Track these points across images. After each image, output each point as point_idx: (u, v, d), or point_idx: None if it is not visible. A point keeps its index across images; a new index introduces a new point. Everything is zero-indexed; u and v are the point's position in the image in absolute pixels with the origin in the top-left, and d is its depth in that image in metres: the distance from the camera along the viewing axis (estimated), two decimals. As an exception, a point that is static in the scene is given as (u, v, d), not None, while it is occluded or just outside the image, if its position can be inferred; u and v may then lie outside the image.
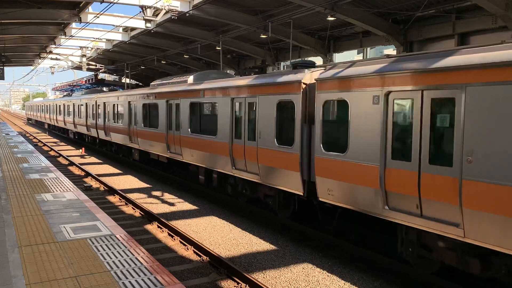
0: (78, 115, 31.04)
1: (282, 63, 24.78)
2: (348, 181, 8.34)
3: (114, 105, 22.79)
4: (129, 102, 20.42)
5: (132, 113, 20.02)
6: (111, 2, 15.04)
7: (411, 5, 14.21)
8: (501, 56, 5.82)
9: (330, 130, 8.90)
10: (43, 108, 51.14)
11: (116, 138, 22.81)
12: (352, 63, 8.67)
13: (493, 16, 12.54)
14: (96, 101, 26.13)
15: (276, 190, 11.00)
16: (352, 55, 22.96)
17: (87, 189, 15.86)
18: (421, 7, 13.40)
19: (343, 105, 8.49)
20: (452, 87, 6.44)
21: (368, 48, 19.89)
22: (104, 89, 33.80)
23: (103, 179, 17.78)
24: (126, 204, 13.92)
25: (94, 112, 26.57)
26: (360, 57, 22.03)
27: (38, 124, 62.22)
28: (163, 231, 10.98)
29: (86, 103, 28.60)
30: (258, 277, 8.15)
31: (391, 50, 23.67)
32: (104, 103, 24.37)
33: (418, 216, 7.05)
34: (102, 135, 25.46)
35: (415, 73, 6.99)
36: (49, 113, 45.87)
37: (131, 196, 14.97)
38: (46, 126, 53.56)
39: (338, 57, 20.71)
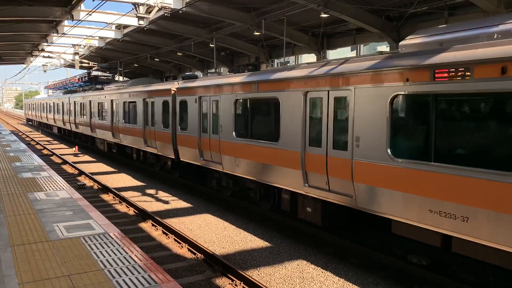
0: (132, 119, 19.58)
1: (276, 60, 24.76)
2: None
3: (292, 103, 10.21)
4: (307, 93, 9.37)
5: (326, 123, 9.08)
6: (103, -1, 14.92)
7: (404, 2, 14.23)
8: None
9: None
10: (54, 107, 37.73)
11: (280, 176, 10.33)
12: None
13: (485, 12, 12.59)
14: (199, 98, 13.79)
15: None
16: (345, 52, 22.95)
17: (80, 188, 15.78)
18: (414, 3, 13.43)
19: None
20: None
21: (362, 45, 19.91)
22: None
23: (96, 177, 17.70)
24: (120, 202, 13.86)
25: (196, 114, 14.00)
26: (354, 54, 22.05)
27: (42, 127, 50.74)
28: (157, 229, 10.95)
29: (165, 101, 16.22)
30: (253, 274, 8.16)
31: (384, 47, 23.71)
32: (236, 99, 11.87)
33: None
34: (211, 159, 13.20)
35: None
36: (64, 114, 33.86)
37: (125, 194, 14.91)
38: (56, 131, 41.11)
39: (332, 54, 20.72)
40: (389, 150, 7.36)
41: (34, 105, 52.51)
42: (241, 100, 11.74)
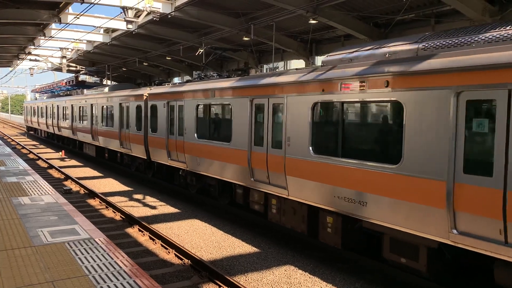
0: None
1: (265, 65, 24.81)
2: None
3: None
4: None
5: None
6: (91, 3, 14.83)
7: (391, 9, 14.39)
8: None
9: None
10: (97, 113, 21.95)
11: None
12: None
13: (470, 20, 12.78)
14: None
15: None
16: (334, 58, 23.13)
17: (66, 193, 15.58)
18: (401, 11, 13.58)
19: None
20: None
21: (350, 51, 20.02)
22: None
23: (83, 182, 17.49)
24: (106, 207, 13.71)
25: None
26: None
27: (58, 141, 33.86)
28: (144, 234, 10.84)
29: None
30: (240, 279, 8.11)
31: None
32: None
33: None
34: None
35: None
36: (124, 128, 18.60)
37: (112, 199, 14.76)
38: (92, 153, 24.14)
39: (320, 61, 20.80)
40: None
41: (45, 109, 33.39)
42: None
